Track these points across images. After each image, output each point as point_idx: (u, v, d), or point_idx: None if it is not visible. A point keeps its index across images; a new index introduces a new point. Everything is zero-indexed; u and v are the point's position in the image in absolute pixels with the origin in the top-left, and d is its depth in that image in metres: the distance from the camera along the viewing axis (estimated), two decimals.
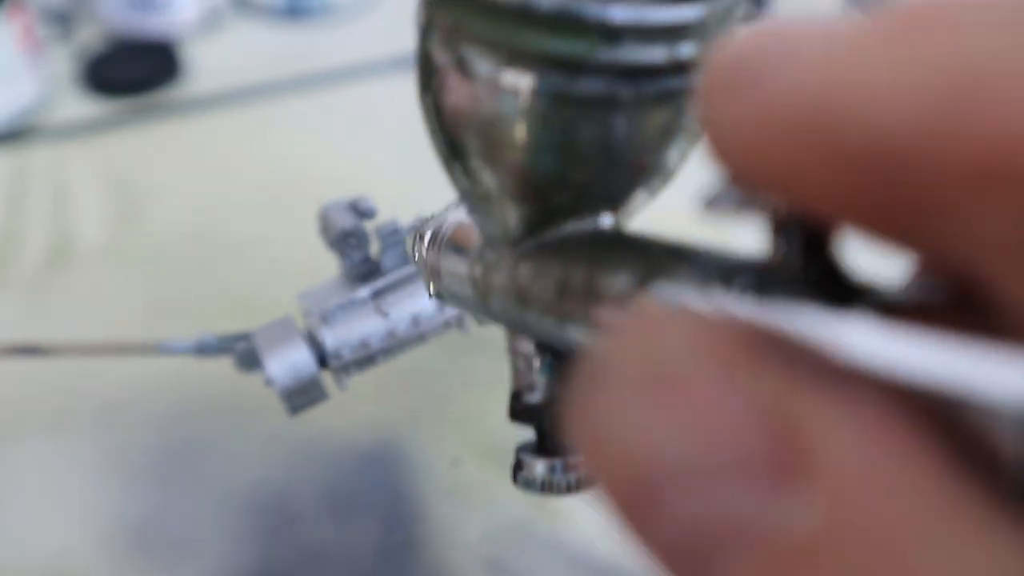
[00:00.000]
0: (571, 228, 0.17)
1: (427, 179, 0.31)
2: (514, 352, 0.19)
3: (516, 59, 0.15)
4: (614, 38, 0.15)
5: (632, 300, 0.14)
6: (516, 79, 0.15)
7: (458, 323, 0.32)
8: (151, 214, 0.50)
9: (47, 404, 0.39)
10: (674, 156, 0.17)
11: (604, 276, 0.15)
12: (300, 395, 0.30)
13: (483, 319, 0.30)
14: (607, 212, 0.17)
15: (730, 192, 0.10)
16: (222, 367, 0.33)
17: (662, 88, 0.15)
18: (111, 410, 0.39)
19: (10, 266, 0.47)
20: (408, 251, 0.23)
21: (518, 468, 0.20)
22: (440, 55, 0.16)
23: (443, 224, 0.21)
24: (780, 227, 0.10)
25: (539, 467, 0.19)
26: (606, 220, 0.17)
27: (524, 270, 0.17)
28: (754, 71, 0.09)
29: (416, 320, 0.31)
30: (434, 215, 0.22)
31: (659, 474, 0.08)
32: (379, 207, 0.32)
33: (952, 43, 0.08)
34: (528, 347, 0.18)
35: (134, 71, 0.61)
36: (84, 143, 0.56)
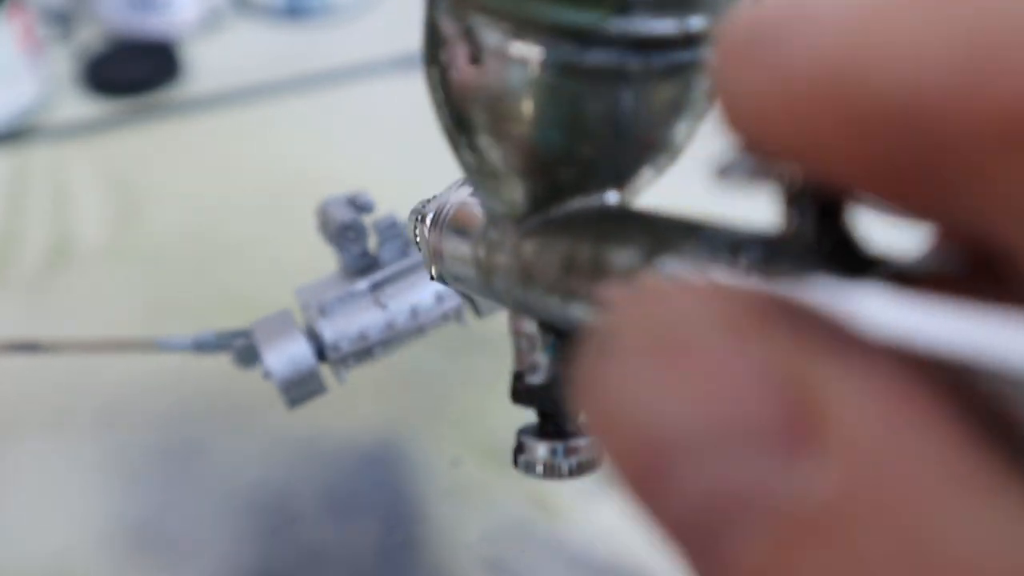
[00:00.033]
0: (577, 204, 0.16)
1: (427, 179, 0.31)
2: (516, 332, 0.18)
3: (525, 29, 0.15)
4: (624, 8, 0.14)
5: (639, 275, 0.13)
6: (525, 50, 0.15)
7: (456, 315, 0.31)
8: (151, 214, 0.50)
9: (47, 403, 0.39)
10: (681, 133, 0.17)
11: (611, 251, 0.14)
12: (298, 387, 0.30)
13: (485, 302, 0.30)
14: (613, 189, 0.16)
15: (743, 161, 0.10)
16: (222, 367, 0.33)
17: (672, 61, 0.15)
18: (111, 409, 0.39)
19: (10, 266, 0.47)
20: (409, 233, 0.23)
21: (519, 451, 0.19)
22: (447, 25, 0.16)
23: (445, 205, 0.20)
24: (794, 197, 0.10)
25: (541, 449, 0.19)
26: (612, 197, 0.16)
27: (529, 247, 0.17)
28: (774, 35, 0.08)
29: (415, 312, 0.31)
30: (435, 196, 0.21)
31: (669, 444, 0.08)
32: (379, 207, 0.32)
33: (977, 2, 0.07)
34: (531, 327, 0.18)
35: (134, 71, 0.61)
36: (84, 143, 0.56)
